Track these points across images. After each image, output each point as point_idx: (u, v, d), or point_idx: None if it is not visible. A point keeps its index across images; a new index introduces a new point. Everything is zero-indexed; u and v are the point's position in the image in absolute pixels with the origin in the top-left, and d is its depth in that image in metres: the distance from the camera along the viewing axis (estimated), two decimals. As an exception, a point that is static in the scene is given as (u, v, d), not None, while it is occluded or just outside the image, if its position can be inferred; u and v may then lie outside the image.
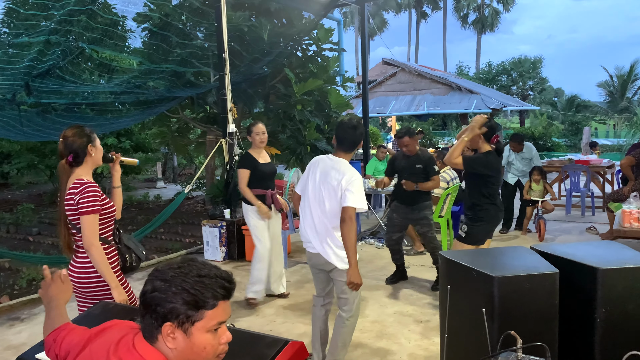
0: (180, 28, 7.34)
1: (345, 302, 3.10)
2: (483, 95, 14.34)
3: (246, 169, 4.52)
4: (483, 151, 3.79)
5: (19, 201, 10.85)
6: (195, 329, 1.20)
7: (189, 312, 1.19)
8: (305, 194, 3.10)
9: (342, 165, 2.99)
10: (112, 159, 2.79)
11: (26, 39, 6.08)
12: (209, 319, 1.21)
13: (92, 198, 2.43)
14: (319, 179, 3.02)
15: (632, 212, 4.64)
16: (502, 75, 30.69)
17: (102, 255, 2.46)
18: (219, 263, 6.14)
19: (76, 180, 2.46)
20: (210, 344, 1.22)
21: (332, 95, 8.63)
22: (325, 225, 2.99)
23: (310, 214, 3.04)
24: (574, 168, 8.66)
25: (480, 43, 40.68)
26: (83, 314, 1.99)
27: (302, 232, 3.14)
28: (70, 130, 2.51)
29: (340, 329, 3.12)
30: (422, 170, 4.98)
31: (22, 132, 7.43)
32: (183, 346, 1.20)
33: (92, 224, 2.43)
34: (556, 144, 21.02)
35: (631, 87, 28.36)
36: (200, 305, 1.20)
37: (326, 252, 3.01)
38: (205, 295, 1.20)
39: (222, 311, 1.23)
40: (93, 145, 2.54)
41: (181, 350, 1.21)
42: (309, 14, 8.63)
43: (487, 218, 3.86)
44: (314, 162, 3.13)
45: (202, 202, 10.38)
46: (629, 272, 2.19)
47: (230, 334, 1.29)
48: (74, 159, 2.49)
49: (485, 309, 2.12)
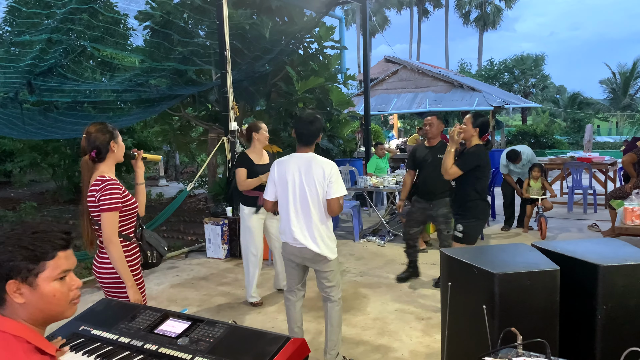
0: (182, 26, 7.34)
1: (332, 289, 3.26)
2: (485, 92, 14.30)
3: (243, 167, 4.51)
4: (472, 144, 3.86)
5: (22, 199, 10.89)
6: (40, 281, 1.26)
7: (29, 265, 1.24)
8: (284, 195, 3.16)
9: (317, 158, 3.13)
10: (134, 155, 2.81)
11: (28, 37, 6.08)
12: (52, 269, 1.27)
13: (113, 195, 2.45)
14: (300, 177, 3.10)
15: (634, 209, 4.64)
16: (504, 72, 30.58)
17: (121, 252, 2.48)
18: (221, 261, 6.16)
19: (98, 177, 2.49)
20: (59, 292, 1.29)
21: (333, 93, 8.63)
22: (314, 219, 3.09)
23: (295, 212, 3.12)
24: (576, 165, 8.65)
25: (482, 40, 40.55)
26: (87, 310, 2.00)
27: (284, 230, 3.21)
28: (93, 126, 2.54)
29: (334, 312, 3.29)
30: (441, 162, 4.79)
31: (25, 131, 7.45)
32: (32, 299, 1.26)
33: (112, 221, 2.46)
34: (558, 141, 20.98)
35: (634, 84, 28.25)
36: (39, 258, 1.26)
37: (317, 245, 3.11)
38: (44, 248, 1.27)
39: (64, 260, 1.30)
40: (115, 142, 2.56)
41: (32, 304, 1.26)
42: (311, 11, 8.62)
43: (480, 215, 3.90)
44: (281, 164, 3.19)
45: (204, 200, 10.40)
46: (630, 269, 2.19)
47: (79, 281, 1.36)
48: (97, 155, 2.51)
49: (486, 305, 2.12)
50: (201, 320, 1.77)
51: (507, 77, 30.44)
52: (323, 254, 3.13)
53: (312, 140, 3.18)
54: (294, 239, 3.14)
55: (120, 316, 1.87)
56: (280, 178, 3.18)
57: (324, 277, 3.25)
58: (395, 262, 5.80)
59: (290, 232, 3.15)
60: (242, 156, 4.61)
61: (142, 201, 2.83)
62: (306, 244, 3.11)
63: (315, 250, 3.12)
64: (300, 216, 3.11)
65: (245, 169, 4.51)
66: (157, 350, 1.64)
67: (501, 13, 39.34)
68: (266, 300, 4.75)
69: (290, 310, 3.44)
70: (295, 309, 3.43)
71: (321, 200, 3.08)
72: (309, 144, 3.18)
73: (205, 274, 5.65)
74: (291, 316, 3.45)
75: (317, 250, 3.12)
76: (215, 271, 5.76)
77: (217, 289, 5.15)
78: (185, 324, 1.76)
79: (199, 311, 4.51)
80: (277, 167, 3.21)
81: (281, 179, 3.17)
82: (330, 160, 3.18)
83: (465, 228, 3.86)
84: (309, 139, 3.16)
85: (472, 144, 3.89)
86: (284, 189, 3.15)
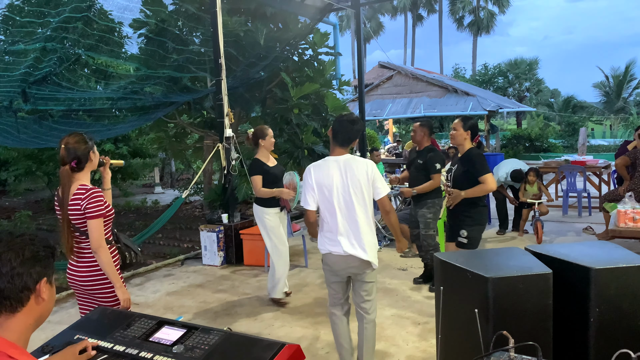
0: (177, 34, 7.37)
1: (370, 303, 3.09)
2: (479, 97, 14.38)
3: (258, 174, 4.57)
4: (466, 149, 3.89)
5: (17, 208, 10.85)
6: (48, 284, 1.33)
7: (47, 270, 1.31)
8: (327, 202, 2.97)
9: (355, 159, 3.00)
10: (103, 163, 2.92)
11: (22, 46, 6.09)
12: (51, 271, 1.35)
13: (98, 203, 2.56)
14: (342, 180, 2.93)
15: (627, 212, 4.67)
16: (498, 77, 30.75)
17: (109, 256, 2.59)
18: (217, 268, 6.15)
19: (80, 186, 2.58)
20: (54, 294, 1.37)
21: (328, 99, 8.67)
22: (361, 223, 2.94)
23: (342, 219, 2.94)
24: (570, 169, 8.70)
25: (476, 45, 40.74)
26: (82, 319, 2.00)
27: (328, 240, 3.01)
28: (72, 137, 2.63)
29: (370, 331, 3.12)
30: (422, 166, 4.94)
31: (19, 139, 7.44)
32: (48, 299, 1.32)
33: (99, 227, 2.56)
34: (553, 145, 21.10)
35: (627, 88, 28.46)
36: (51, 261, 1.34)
37: (365, 252, 2.94)
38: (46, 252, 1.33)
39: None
40: (93, 152, 2.68)
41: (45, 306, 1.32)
42: (305, 18, 8.67)
43: (482, 221, 3.91)
44: (319, 169, 3.01)
45: (200, 207, 10.39)
46: (622, 272, 2.21)
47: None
48: (77, 165, 2.61)
49: (480, 309, 2.14)
50: (196, 328, 1.77)
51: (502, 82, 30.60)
52: (369, 260, 2.96)
53: (351, 141, 3.04)
54: (341, 249, 2.95)
55: (115, 324, 1.87)
56: (319, 184, 2.97)
57: (364, 290, 3.05)
58: (391, 267, 5.81)
59: (337, 242, 2.96)
60: (256, 163, 4.66)
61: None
62: (354, 253, 2.93)
63: (363, 258, 2.94)
64: (347, 223, 2.94)
65: (261, 175, 4.56)
66: (152, 358, 1.65)
67: (495, 18, 39.58)
68: (262, 307, 4.75)
69: (338, 326, 3.17)
70: (343, 324, 3.17)
71: (367, 202, 2.94)
72: (347, 144, 3.03)
73: (202, 281, 5.64)
74: (339, 332, 3.18)
75: (364, 257, 2.94)
76: (212, 278, 5.75)
77: (213, 296, 5.14)
78: (180, 331, 1.77)
79: (195, 318, 4.50)
80: (314, 172, 3.01)
81: (321, 185, 2.97)
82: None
83: (469, 233, 3.82)
84: (348, 140, 3.01)
85: (465, 148, 3.90)
86: (327, 195, 2.96)
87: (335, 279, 3.10)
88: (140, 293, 5.31)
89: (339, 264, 3.02)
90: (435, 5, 42.09)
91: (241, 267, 6.12)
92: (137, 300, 5.06)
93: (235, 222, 6.41)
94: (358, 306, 3.14)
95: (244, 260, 6.22)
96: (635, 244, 5.94)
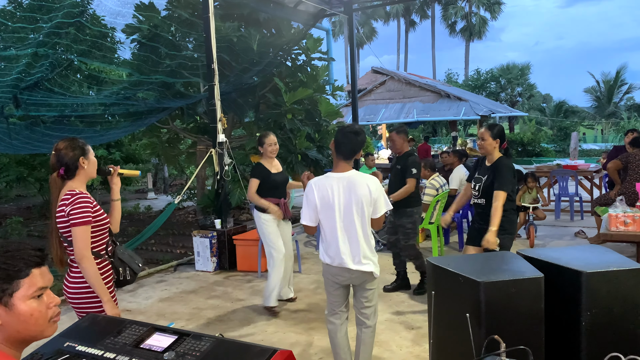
0: (170, 39, 7.37)
1: (372, 310, 3.09)
2: (472, 102, 14.47)
3: (256, 178, 4.59)
4: (495, 158, 3.77)
5: (8, 214, 10.75)
6: (16, 300, 1.23)
7: (3, 285, 1.22)
8: (329, 219, 2.95)
9: (359, 176, 2.96)
10: (110, 171, 2.71)
11: (14, 51, 6.06)
12: (27, 287, 1.24)
13: (83, 209, 2.37)
14: (345, 199, 2.91)
15: (618, 215, 4.70)
16: (490, 82, 30.99)
17: (94, 267, 2.40)
18: (210, 273, 6.12)
19: (68, 192, 2.41)
20: (37, 310, 1.26)
21: (322, 104, 8.68)
22: (360, 239, 2.94)
23: (342, 236, 2.94)
24: (562, 173, 8.76)
25: (469, 51, 41.04)
26: (72, 326, 1.98)
27: (330, 254, 3.00)
28: (62, 142, 2.45)
29: (369, 339, 3.11)
30: (400, 172, 4.90)
31: (11, 145, 7.39)
32: (9, 319, 1.23)
33: (83, 235, 2.37)
34: (545, 149, 21.26)
35: (617, 92, 28.78)
36: (13, 276, 1.23)
37: (369, 264, 2.96)
38: (17, 266, 1.24)
39: (39, 277, 1.27)
40: (86, 158, 2.48)
41: (9, 325, 1.24)
42: (298, 23, 8.70)
43: (512, 230, 3.80)
44: (320, 187, 2.96)
45: (193, 213, 10.35)
46: (613, 275, 2.22)
47: (57, 298, 1.34)
48: (66, 172, 2.44)
49: (472, 314, 2.14)
50: (187, 334, 1.76)
51: (494, 87, 30.83)
52: (370, 271, 2.98)
53: (355, 153, 2.98)
54: (344, 264, 2.95)
55: (105, 331, 1.85)
56: (322, 201, 2.94)
57: (364, 297, 3.06)
58: (385, 272, 5.80)
59: (339, 258, 2.95)
60: (258, 167, 4.69)
61: (117, 218, 2.73)
62: (356, 268, 2.95)
63: (365, 270, 2.96)
64: (346, 240, 2.94)
65: (259, 179, 4.58)
66: (143, 365, 1.63)
67: (487, 24, 39.91)
68: (256, 313, 4.73)
69: (336, 336, 3.14)
70: (341, 334, 3.14)
71: (367, 218, 2.94)
72: (350, 157, 2.98)
73: (195, 288, 5.61)
74: (337, 342, 3.14)
75: (366, 270, 2.96)
76: (205, 284, 5.72)
77: (206, 302, 5.11)
78: (172, 338, 1.75)
79: (188, 325, 4.47)
80: (315, 189, 2.95)
81: (324, 203, 2.94)
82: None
83: (502, 242, 3.68)
84: (352, 153, 2.96)
85: (494, 157, 3.76)
86: (329, 213, 2.93)
87: (335, 287, 3.11)
88: (133, 299, 5.27)
89: (341, 276, 3.03)
90: (427, 11, 42.38)
91: (234, 273, 6.10)
92: (129, 306, 5.03)
93: (229, 227, 6.39)
94: (358, 312, 3.13)
95: (237, 266, 6.20)
96: (626, 247, 5.98)
